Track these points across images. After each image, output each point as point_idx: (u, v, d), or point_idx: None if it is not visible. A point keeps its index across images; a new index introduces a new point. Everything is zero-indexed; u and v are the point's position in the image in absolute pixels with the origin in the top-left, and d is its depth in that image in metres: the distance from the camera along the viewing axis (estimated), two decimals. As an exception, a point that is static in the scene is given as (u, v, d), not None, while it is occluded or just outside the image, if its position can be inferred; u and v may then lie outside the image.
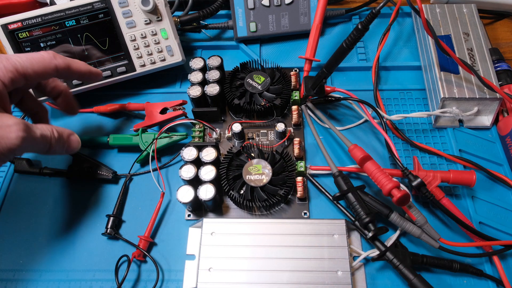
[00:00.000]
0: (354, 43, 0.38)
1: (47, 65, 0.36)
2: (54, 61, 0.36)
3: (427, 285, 0.36)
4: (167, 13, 0.49)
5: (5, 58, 0.33)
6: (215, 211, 0.44)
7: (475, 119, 0.49)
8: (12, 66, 0.33)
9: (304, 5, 0.55)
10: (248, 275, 0.38)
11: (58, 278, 0.41)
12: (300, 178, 0.43)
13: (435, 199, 0.39)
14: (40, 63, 0.35)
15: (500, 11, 0.60)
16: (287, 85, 0.48)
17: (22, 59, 0.34)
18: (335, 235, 0.39)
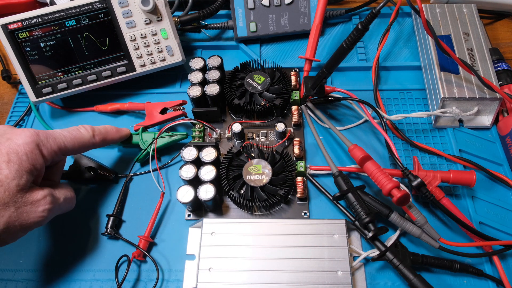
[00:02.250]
0: (354, 43, 0.38)
1: (85, 144, 0.38)
2: (92, 140, 0.39)
3: (427, 285, 0.36)
4: (167, 13, 0.49)
5: (52, 138, 0.35)
6: (215, 211, 0.44)
7: (475, 119, 0.49)
8: (57, 147, 0.35)
9: (304, 5, 0.55)
10: (248, 275, 0.38)
11: (58, 278, 0.41)
12: (300, 178, 0.43)
13: (435, 199, 0.39)
14: (80, 142, 0.37)
15: (500, 11, 0.60)
16: (287, 85, 0.48)
17: (66, 139, 0.36)
18: (335, 235, 0.39)
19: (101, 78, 0.50)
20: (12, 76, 0.58)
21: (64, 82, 0.49)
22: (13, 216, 0.31)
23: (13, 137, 0.33)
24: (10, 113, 0.54)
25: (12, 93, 0.57)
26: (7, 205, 0.30)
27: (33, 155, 0.32)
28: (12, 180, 0.31)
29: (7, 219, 0.31)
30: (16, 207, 0.31)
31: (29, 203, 0.32)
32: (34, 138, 0.33)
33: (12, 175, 0.31)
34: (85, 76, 0.49)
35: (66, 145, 0.36)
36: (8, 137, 0.33)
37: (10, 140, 0.32)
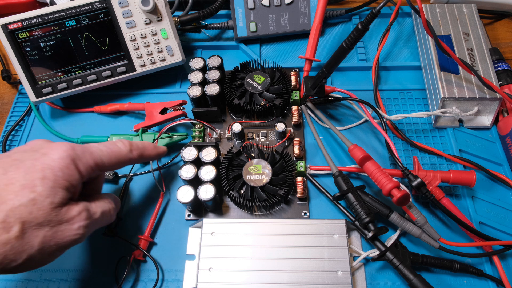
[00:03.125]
0: (354, 43, 0.38)
1: (122, 159, 0.36)
2: (130, 155, 0.37)
3: (427, 285, 0.36)
4: (167, 13, 0.49)
5: (89, 153, 0.33)
6: (215, 211, 0.44)
7: (475, 119, 0.49)
8: (94, 162, 0.33)
9: (304, 5, 0.55)
10: (248, 275, 0.38)
11: (58, 278, 0.41)
12: (300, 178, 0.43)
13: (435, 199, 0.39)
14: (117, 157, 0.35)
15: (500, 11, 0.60)
16: (287, 85, 0.48)
17: (103, 154, 0.34)
18: (335, 235, 0.39)
19: (101, 78, 0.50)
20: (12, 76, 0.58)
21: (64, 82, 0.49)
22: (48, 235, 0.29)
23: (48, 152, 0.31)
24: (10, 113, 0.54)
25: (12, 93, 0.57)
26: (41, 224, 0.29)
27: (69, 171, 0.31)
28: (46, 198, 0.29)
29: (41, 239, 0.29)
30: (50, 226, 0.29)
31: (64, 221, 0.30)
32: (69, 153, 0.31)
33: (47, 192, 0.29)
34: (85, 76, 0.49)
35: (103, 160, 0.34)
36: (44, 152, 0.31)
37: (45, 156, 0.31)
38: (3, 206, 0.28)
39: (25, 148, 0.32)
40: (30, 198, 0.28)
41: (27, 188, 0.29)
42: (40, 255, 0.29)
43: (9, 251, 0.27)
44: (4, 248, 0.27)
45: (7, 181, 0.29)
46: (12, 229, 0.27)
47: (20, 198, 0.28)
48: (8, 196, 0.28)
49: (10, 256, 0.28)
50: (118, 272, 0.40)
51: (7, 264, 0.28)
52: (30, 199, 0.28)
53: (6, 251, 0.27)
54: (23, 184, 0.29)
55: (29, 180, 0.29)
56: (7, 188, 0.28)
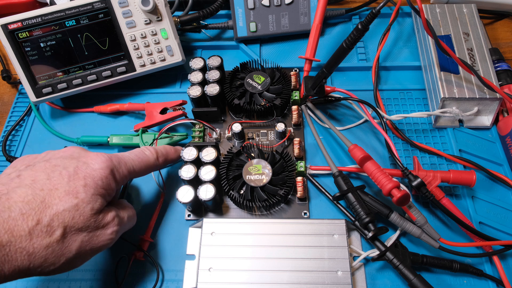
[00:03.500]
0: (354, 43, 0.38)
1: (150, 167, 0.38)
2: (157, 162, 0.39)
3: (427, 285, 0.36)
4: (167, 13, 0.49)
5: (124, 163, 0.35)
6: (215, 211, 0.44)
7: (475, 119, 0.49)
8: (128, 171, 0.35)
9: (304, 5, 0.55)
10: (248, 275, 0.38)
11: (58, 278, 0.41)
12: (300, 178, 0.43)
13: (435, 199, 0.39)
14: (147, 165, 0.38)
15: (500, 11, 0.60)
16: (287, 85, 0.48)
17: (135, 163, 0.36)
18: (335, 235, 0.39)
19: (101, 78, 0.50)
20: (12, 76, 0.58)
21: (64, 82, 0.49)
22: (85, 240, 0.31)
23: (89, 162, 0.33)
24: (10, 113, 0.54)
25: (12, 93, 0.57)
26: (81, 229, 0.30)
27: (108, 180, 0.33)
28: (87, 204, 0.30)
29: (79, 244, 0.30)
30: (88, 231, 0.31)
31: (100, 226, 0.32)
32: (109, 163, 0.33)
33: (88, 199, 0.30)
34: (85, 76, 0.49)
35: (135, 169, 0.36)
36: (85, 161, 0.33)
37: (87, 165, 0.32)
38: (48, 210, 0.29)
39: (63, 155, 0.33)
40: (73, 204, 0.30)
41: (71, 194, 0.30)
42: (76, 259, 0.30)
43: (50, 254, 0.28)
44: (46, 251, 0.28)
45: (51, 187, 0.30)
46: (55, 233, 0.28)
47: (64, 204, 0.29)
48: (53, 201, 0.29)
49: (51, 260, 0.29)
50: (118, 272, 0.40)
51: (46, 267, 0.29)
52: (73, 205, 0.30)
53: (47, 254, 0.28)
54: (66, 190, 0.30)
55: (72, 187, 0.30)
56: (52, 193, 0.29)
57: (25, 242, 0.27)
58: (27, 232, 0.27)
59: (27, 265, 0.27)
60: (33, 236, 0.27)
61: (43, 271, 0.29)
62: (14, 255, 0.27)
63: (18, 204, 0.28)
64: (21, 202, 0.28)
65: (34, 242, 0.27)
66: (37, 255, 0.28)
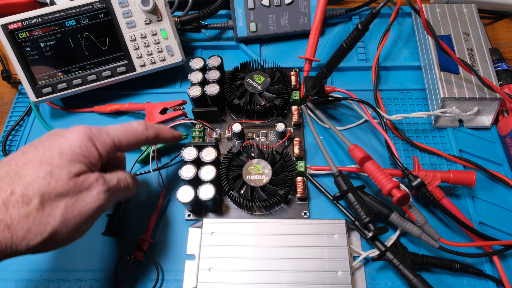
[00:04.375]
0: (354, 43, 0.38)
1: (139, 137, 0.36)
2: (146, 132, 0.37)
3: (427, 285, 0.36)
4: (167, 13, 0.49)
5: (105, 132, 0.34)
6: (215, 211, 0.44)
7: (475, 119, 0.49)
8: (111, 141, 0.34)
9: (304, 5, 0.55)
10: (248, 275, 0.38)
11: (58, 278, 0.41)
12: (300, 178, 0.43)
13: (435, 199, 0.39)
14: (134, 135, 0.36)
15: (500, 11, 0.60)
16: (287, 85, 0.48)
17: (119, 133, 0.35)
18: (335, 235, 0.39)
19: (101, 78, 0.50)
20: (12, 76, 0.58)
21: (64, 82, 0.49)
22: (69, 205, 0.30)
23: (66, 134, 0.32)
24: (10, 113, 0.54)
25: (12, 93, 0.57)
26: (61, 195, 0.29)
27: (87, 148, 0.32)
28: (62, 169, 0.30)
29: (63, 210, 0.29)
30: (70, 195, 0.30)
31: (83, 188, 0.30)
32: (86, 131, 0.32)
33: (64, 164, 0.30)
34: (85, 76, 0.49)
35: (119, 138, 0.34)
36: (61, 134, 0.32)
37: (63, 137, 0.32)
38: (21, 181, 0.28)
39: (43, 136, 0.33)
40: (47, 171, 0.29)
41: (45, 163, 0.29)
42: (65, 227, 0.29)
43: (32, 224, 0.28)
44: (27, 221, 0.28)
45: (26, 160, 0.30)
46: (32, 201, 0.28)
47: (38, 172, 0.29)
48: (27, 171, 0.29)
49: (35, 230, 0.28)
50: (118, 272, 0.40)
51: (32, 238, 0.28)
52: (47, 171, 0.29)
53: (29, 224, 0.28)
54: (40, 160, 0.30)
55: (46, 157, 0.30)
56: (26, 166, 0.29)
57: (1, 213, 0.27)
58: (1, 203, 0.27)
59: (9, 237, 0.27)
60: (9, 207, 0.27)
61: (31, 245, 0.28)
62: None
63: None
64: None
65: (12, 213, 0.27)
66: (17, 226, 0.27)
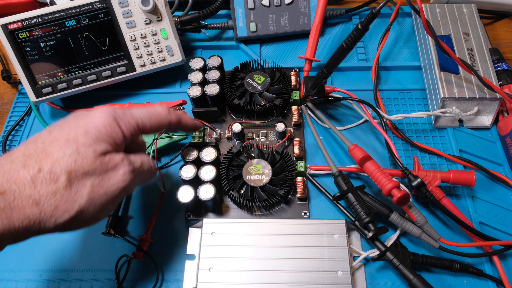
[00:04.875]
0: (354, 43, 0.38)
1: (162, 121, 0.36)
2: (169, 117, 0.37)
3: (427, 285, 0.36)
4: (167, 13, 0.49)
5: (130, 113, 0.34)
6: (215, 211, 0.44)
7: (475, 119, 0.49)
8: (135, 122, 0.34)
9: (304, 5, 0.55)
10: (248, 275, 0.38)
11: (58, 278, 0.41)
12: (300, 178, 0.43)
13: (435, 199, 0.39)
14: (157, 119, 0.36)
15: (500, 11, 0.60)
16: (287, 85, 0.48)
17: (143, 115, 0.35)
18: (335, 235, 0.39)
19: (101, 78, 0.50)
20: (12, 76, 0.58)
21: (64, 82, 0.49)
22: (96, 184, 0.30)
23: (90, 114, 0.32)
24: (10, 113, 0.54)
25: (12, 93, 0.57)
26: (87, 173, 0.29)
27: (111, 128, 0.32)
28: (88, 147, 0.30)
29: (90, 188, 0.29)
30: (97, 174, 0.30)
31: (109, 168, 0.31)
32: (111, 112, 0.32)
33: (89, 143, 0.30)
34: (85, 76, 0.49)
35: (143, 121, 0.34)
36: (86, 113, 0.32)
37: (88, 116, 0.32)
38: (48, 158, 0.29)
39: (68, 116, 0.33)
40: (74, 149, 0.29)
41: (71, 141, 0.30)
42: (91, 206, 0.30)
43: (60, 201, 0.28)
44: (55, 198, 0.28)
45: (52, 139, 0.30)
46: (60, 179, 0.28)
47: (65, 150, 0.29)
48: (54, 149, 0.29)
49: (62, 207, 0.28)
50: (118, 272, 0.40)
51: (60, 216, 0.28)
52: (74, 150, 0.29)
53: (57, 201, 0.28)
54: (66, 139, 0.30)
55: (72, 135, 0.30)
56: (52, 144, 0.30)
57: (29, 189, 0.27)
58: (29, 180, 0.27)
59: (37, 214, 0.27)
60: (37, 183, 0.27)
61: (58, 223, 0.28)
62: (20, 203, 0.27)
63: (19, 158, 0.28)
64: (22, 156, 0.29)
65: (39, 190, 0.27)
66: (45, 202, 0.27)
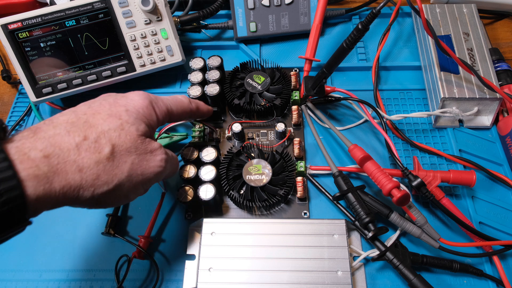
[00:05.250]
0: (354, 43, 0.38)
1: (185, 109, 0.38)
2: (190, 106, 0.39)
3: (427, 285, 0.36)
4: (167, 13, 0.49)
5: (161, 99, 0.35)
6: (215, 211, 0.44)
7: (475, 119, 0.49)
8: (166, 108, 0.35)
9: (304, 5, 0.55)
10: (248, 275, 0.38)
11: (58, 278, 0.41)
12: (300, 178, 0.43)
13: (435, 199, 0.39)
14: (182, 107, 0.37)
15: (500, 11, 0.60)
16: (287, 85, 0.48)
17: (171, 102, 0.36)
18: (335, 235, 0.39)
19: (101, 78, 0.50)
20: (12, 76, 0.58)
21: (64, 82, 0.49)
22: (136, 163, 0.30)
23: (128, 95, 0.33)
24: (10, 113, 0.54)
25: (12, 93, 0.57)
26: (129, 150, 0.30)
27: (148, 111, 0.32)
28: (132, 125, 0.30)
29: (130, 166, 0.29)
30: (137, 153, 0.30)
31: (148, 150, 0.31)
32: (147, 95, 0.33)
33: (132, 121, 0.30)
34: (85, 76, 0.49)
35: (171, 107, 0.36)
36: (123, 95, 0.33)
37: (125, 97, 0.33)
38: (94, 128, 0.28)
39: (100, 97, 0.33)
40: (118, 124, 0.30)
41: (114, 116, 0.30)
42: (129, 182, 0.30)
43: (102, 171, 0.28)
44: (97, 168, 0.28)
45: (93, 111, 0.30)
46: (104, 149, 0.28)
47: (109, 124, 0.29)
48: (98, 121, 0.29)
49: (103, 178, 0.28)
50: (118, 272, 0.40)
51: (99, 186, 0.28)
52: (118, 125, 0.30)
53: (99, 170, 0.28)
54: (109, 114, 0.30)
55: (114, 111, 0.30)
56: (95, 116, 0.29)
57: (74, 155, 0.27)
58: (74, 146, 0.27)
59: (79, 181, 0.27)
60: (81, 150, 0.27)
61: (96, 194, 0.28)
62: (63, 167, 0.26)
63: (63, 124, 0.28)
64: (65, 122, 0.28)
65: (84, 157, 0.27)
66: (88, 171, 0.27)
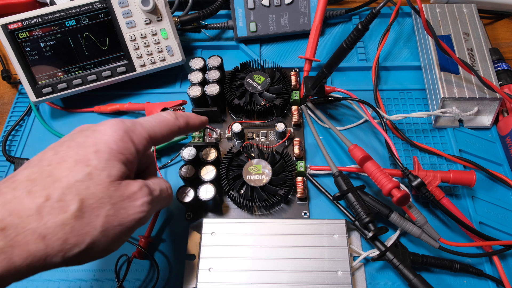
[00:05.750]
0: (354, 43, 0.38)
1: (172, 128, 0.34)
2: (177, 122, 0.34)
3: (427, 285, 0.36)
4: (167, 13, 0.49)
5: (139, 124, 0.31)
6: (215, 211, 0.44)
7: (475, 119, 0.49)
8: (147, 133, 0.31)
9: (304, 5, 0.55)
10: (248, 275, 0.38)
11: (58, 278, 0.41)
12: (300, 178, 0.43)
13: (435, 199, 0.39)
14: (167, 126, 0.33)
15: (500, 11, 0.60)
16: (287, 85, 0.48)
17: (153, 124, 0.32)
18: (335, 235, 0.39)
19: (101, 78, 0.50)
20: (12, 76, 0.58)
21: (64, 82, 0.49)
22: (110, 214, 0.26)
23: (98, 128, 0.29)
24: (10, 113, 0.54)
25: (12, 93, 0.57)
26: (101, 201, 0.26)
27: (124, 143, 0.28)
28: (102, 171, 0.26)
29: (104, 219, 0.26)
30: (112, 203, 0.26)
31: (125, 196, 0.27)
32: (121, 125, 0.29)
33: (102, 165, 0.26)
34: (85, 76, 0.49)
35: (154, 130, 0.31)
36: (94, 129, 0.29)
37: (96, 131, 0.28)
38: (57, 184, 0.25)
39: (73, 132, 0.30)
40: (86, 173, 0.26)
41: (81, 163, 0.26)
42: (105, 238, 0.26)
43: (70, 234, 0.24)
44: (64, 231, 0.24)
45: (59, 160, 0.26)
46: (70, 207, 0.24)
47: (75, 174, 0.25)
48: (62, 173, 0.25)
49: (72, 240, 0.24)
50: (118, 272, 0.40)
51: (69, 250, 0.24)
52: (86, 174, 0.26)
53: (66, 233, 0.24)
54: (76, 160, 0.26)
55: (82, 156, 0.26)
56: (60, 166, 0.26)
57: (34, 222, 0.23)
58: (35, 210, 0.23)
59: (43, 250, 0.23)
60: (44, 214, 0.24)
61: (67, 257, 0.24)
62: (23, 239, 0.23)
63: (23, 184, 0.24)
64: (26, 181, 0.25)
65: (46, 222, 0.23)
66: (52, 236, 0.24)
